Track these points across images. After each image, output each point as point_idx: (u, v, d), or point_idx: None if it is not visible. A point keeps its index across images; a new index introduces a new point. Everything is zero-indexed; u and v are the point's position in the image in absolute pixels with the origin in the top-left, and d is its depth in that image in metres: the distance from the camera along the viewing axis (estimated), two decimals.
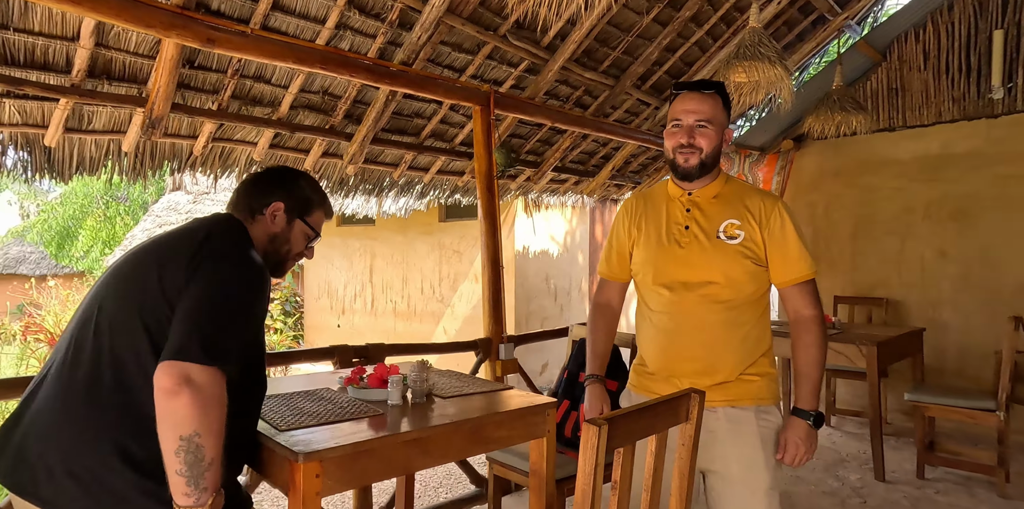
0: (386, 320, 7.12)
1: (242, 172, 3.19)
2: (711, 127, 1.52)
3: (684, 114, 1.52)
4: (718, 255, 1.52)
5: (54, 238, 13.29)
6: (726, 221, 1.54)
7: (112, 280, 1.26)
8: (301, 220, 1.45)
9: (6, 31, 2.16)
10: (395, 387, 1.72)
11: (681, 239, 1.56)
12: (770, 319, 1.64)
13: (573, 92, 3.94)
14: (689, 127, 1.51)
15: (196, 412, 1.07)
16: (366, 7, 2.77)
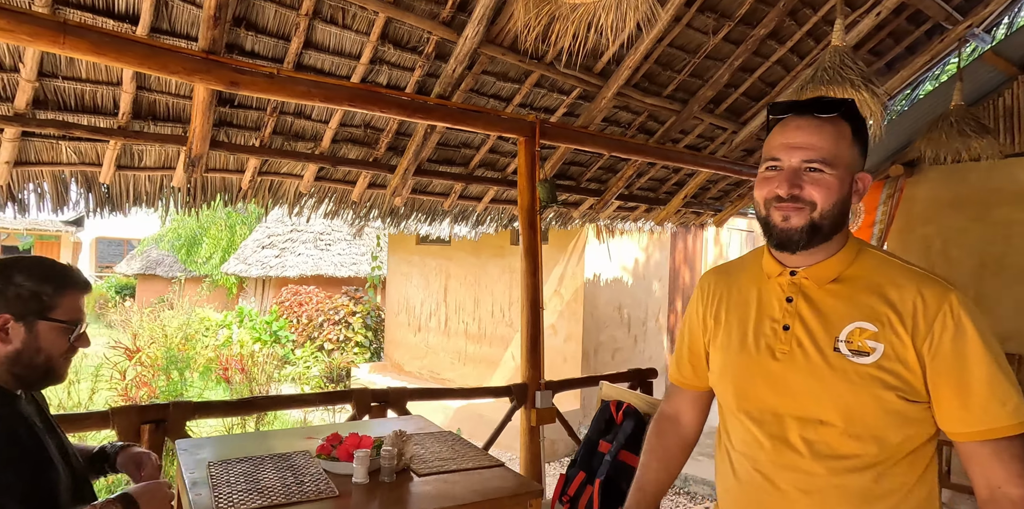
0: (458, 341, 7.09)
1: (292, 204, 3.23)
2: (830, 171, 1.00)
3: (785, 151, 1.02)
4: (835, 380, 0.99)
5: (183, 245, 14.68)
6: (852, 324, 1.01)
7: None
8: (43, 320, 1.18)
9: (56, 79, 2.30)
10: (360, 464, 1.58)
11: (777, 345, 1.05)
12: (937, 486, 1.05)
13: (635, 118, 3.67)
14: (793, 170, 1.01)
15: None
16: (401, 41, 2.70)
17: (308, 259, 11.55)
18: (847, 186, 1.03)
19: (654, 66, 3.36)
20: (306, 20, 2.43)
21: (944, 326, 0.96)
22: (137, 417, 2.08)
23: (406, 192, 3.41)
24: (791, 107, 1.06)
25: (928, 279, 1.01)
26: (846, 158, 1.03)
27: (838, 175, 1.02)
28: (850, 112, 1.04)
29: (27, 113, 2.31)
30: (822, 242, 1.04)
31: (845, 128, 1.04)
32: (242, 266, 11.83)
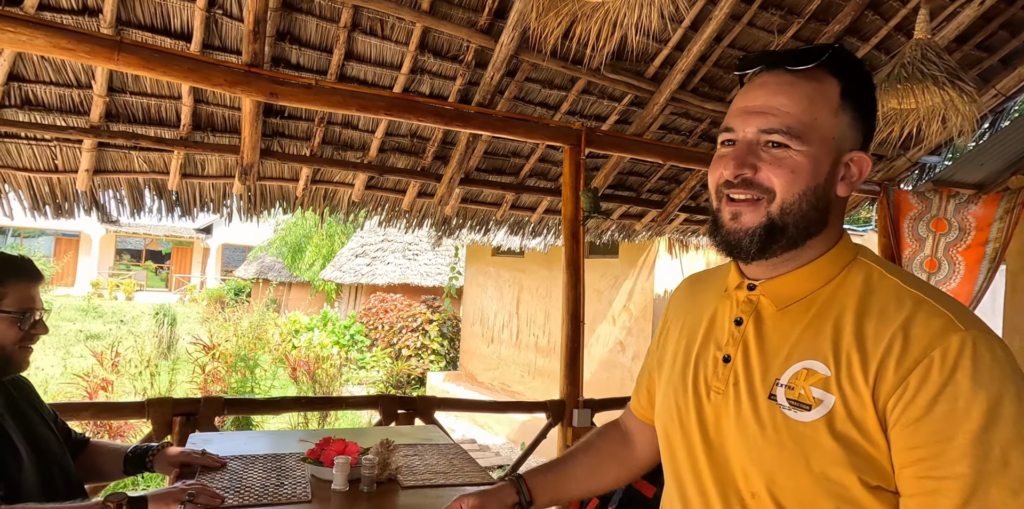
0: (528, 353, 7.02)
1: (347, 212, 3.33)
2: (798, 146, 0.73)
3: (741, 118, 0.76)
4: (762, 441, 0.73)
5: (289, 252, 15.77)
6: (799, 364, 0.72)
7: None
8: None
9: (124, 94, 2.52)
10: (340, 471, 1.55)
11: (713, 382, 0.80)
12: None
13: (697, 125, 3.47)
14: (747, 145, 0.75)
15: None
16: (440, 50, 2.72)
17: (396, 268, 11.99)
18: (827, 169, 0.73)
19: (714, 69, 3.16)
20: (345, 32, 2.51)
21: (925, 379, 0.64)
22: (170, 410, 2.19)
23: (455, 201, 3.42)
24: (760, 58, 0.78)
25: (929, 309, 0.68)
26: (826, 128, 0.73)
27: (810, 152, 0.72)
28: (839, 63, 0.75)
29: (101, 125, 2.54)
30: (788, 249, 0.75)
31: (830, 86, 0.74)
32: (337, 273, 12.49)
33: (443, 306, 8.67)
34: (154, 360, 5.70)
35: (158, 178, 2.84)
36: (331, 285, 13.76)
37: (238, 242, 26.85)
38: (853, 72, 0.77)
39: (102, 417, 1.97)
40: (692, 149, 3.42)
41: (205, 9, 2.30)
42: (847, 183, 0.76)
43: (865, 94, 0.78)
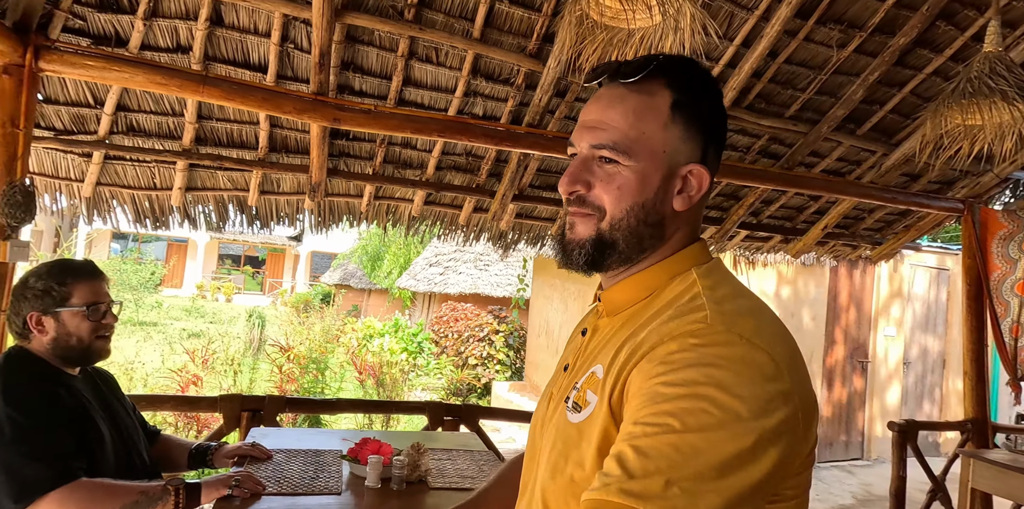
0: None
1: (408, 225, 3.53)
2: (626, 161, 0.73)
3: (577, 133, 0.77)
4: (545, 443, 0.76)
5: (369, 260, 16.50)
6: (591, 368, 0.74)
7: None
8: (62, 309, 1.48)
9: (211, 121, 2.82)
10: (372, 469, 1.69)
11: (554, 389, 0.83)
12: None
13: (754, 141, 3.41)
14: (582, 161, 0.75)
15: None
16: (492, 74, 2.86)
17: (468, 278, 12.28)
18: (656, 183, 0.73)
19: (770, 85, 3.11)
20: (403, 60, 2.70)
21: (640, 371, 0.63)
22: (238, 405, 2.42)
23: (508, 217, 3.53)
24: (601, 70, 0.77)
25: (695, 310, 0.66)
26: (655, 142, 0.72)
27: (638, 168, 0.72)
28: (671, 73, 0.73)
29: (191, 148, 2.86)
30: (622, 263, 0.75)
31: (660, 99, 0.73)
32: (412, 282, 12.94)
33: (510, 317, 8.80)
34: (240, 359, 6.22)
35: (240, 194, 3.14)
36: (406, 293, 14.27)
37: (325, 250, 28.32)
38: (686, 83, 0.75)
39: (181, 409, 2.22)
40: (748, 166, 3.36)
41: (279, 44, 2.55)
42: (685, 197, 0.75)
43: (700, 105, 0.75)
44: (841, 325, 6.00)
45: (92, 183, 2.86)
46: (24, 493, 1.29)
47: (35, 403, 1.38)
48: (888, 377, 6.28)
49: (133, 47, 2.45)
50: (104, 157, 2.80)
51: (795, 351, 0.68)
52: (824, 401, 5.94)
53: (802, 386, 0.65)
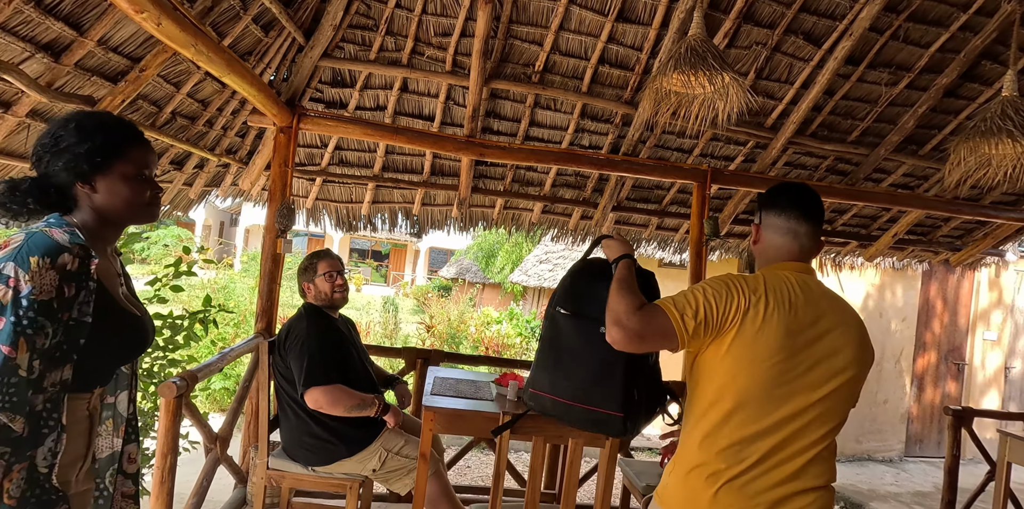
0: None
1: (528, 230, 4.50)
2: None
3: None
4: None
5: (484, 257, 17.85)
6: None
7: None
8: (316, 278, 2.54)
9: (393, 155, 3.95)
10: (511, 390, 2.65)
11: None
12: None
13: (821, 162, 4.02)
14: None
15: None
16: (597, 116, 3.74)
17: None
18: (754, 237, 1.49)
19: (830, 117, 3.73)
20: (529, 109, 3.66)
21: None
22: (416, 355, 3.49)
23: (609, 223, 4.40)
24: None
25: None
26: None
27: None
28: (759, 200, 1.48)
29: (379, 174, 4.01)
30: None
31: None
32: (523, 277, 14.03)
33: None
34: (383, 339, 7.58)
35: (407, 206, 4.26)
36: (518, 287, 15.40)
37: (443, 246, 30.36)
38: (761, 199, 1.48)
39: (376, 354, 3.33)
40: (815, 183, 3.97)
41: (443, 102, 3.61)
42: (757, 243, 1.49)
43: (762, 209, 1.45)
44: (933, 328, 6.22)
45: (312, 198, 4.10)
46: (305, 384, 2.35)
47: (323, 332, 2.48)
48: (987, 382, 6.38)
49: (350, 109, 3.61)
50: (323, 181, 4.02)
51: (756, 279, 1.32)
52: (914, 400, 6.20)
53: (747, 282, 1.31)
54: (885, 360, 6.03)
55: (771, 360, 1.24)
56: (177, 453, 2.23)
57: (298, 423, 2.44)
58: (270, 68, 3.17)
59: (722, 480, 1.24)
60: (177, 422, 2.18)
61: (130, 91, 2.21)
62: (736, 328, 1.25)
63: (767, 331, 1.25)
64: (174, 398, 2.14)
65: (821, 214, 1.48)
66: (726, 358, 1.26)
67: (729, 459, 1.24)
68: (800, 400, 1.26)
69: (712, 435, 1.27)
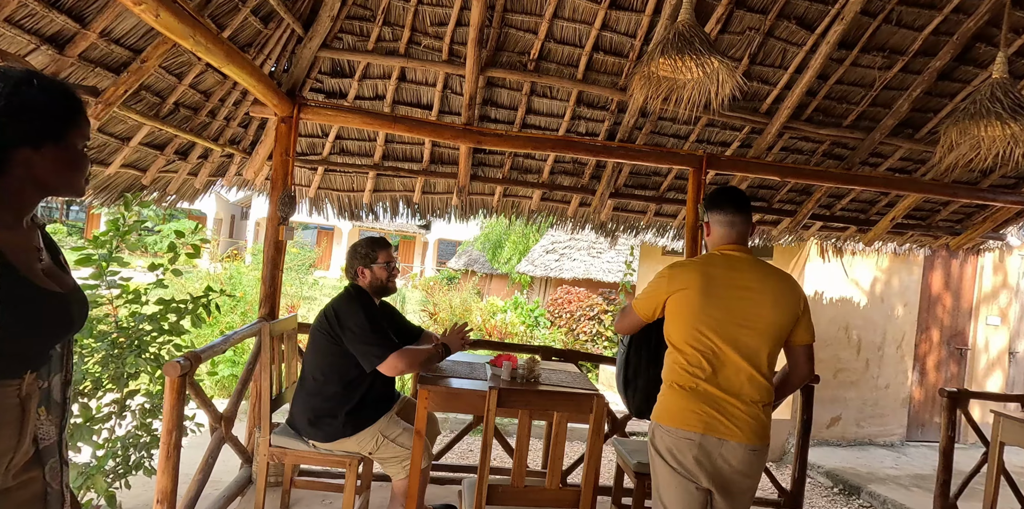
0: None
1: (527, 218, 4.57)
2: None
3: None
4: None
5: (491, 247, 17.92)
6: None
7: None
8: (374, 265, 2.66)
9: (393, 143, 4.02)
10: (505, 370, 2.74)
11: None
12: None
13: (817, 146, 4.04)
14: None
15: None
16: (593, 103, 3.79)
17: (581, 264, 13.20)
18: (705, 233, 2.14)
19: (826, 101, 3.75)
20: (525, 97, 3.71)
21: None
22: None
23: (607, 211, 4.45)
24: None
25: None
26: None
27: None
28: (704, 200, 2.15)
29: (379, 163, 4.08)
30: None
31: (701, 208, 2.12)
32: (530, 267, 14.10)
33: (618, 299, 9.64)
34: None
35: (408, 194, 4.33)
36: (525, 277, 15.48)
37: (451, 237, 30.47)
38: (706, 199, 2.09)
39: None
40: (807, 167, 3.99)
41: (441, 90, 3.66)
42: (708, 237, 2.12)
43: (708, 208, 2.13)
44: (935, 313, 6.23)
45: (315, 187, 4.18)
46: (380, 356, 2.43)
47: (374, 310, 2.58)
48: (990, 365, 6.39)
49: (350, 99, 3.68)
50: (324, 170, 4.10)
51: (684, 265, 2.00)
52: (916, 384, 6.23)
53: (673, 274, 1.98)
54: (887, 345, 6.06)
55: (696, 311, 1.91)
56: (182, 431, 2.33)
57: (308, 397, 2.54)
58: (270, 59, 3.24)
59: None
60: (181, 400, 2.28)
61: (132, 81, 2.29)
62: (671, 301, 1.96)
63: (690, 297, 1.91)
64: (178, 377, 2.24)
65: (749, 205, 2.09)
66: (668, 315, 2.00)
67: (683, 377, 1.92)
68: (726, 334, 1.88)
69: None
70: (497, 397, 1.89)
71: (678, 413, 1.87)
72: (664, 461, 1.87)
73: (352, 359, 2.51)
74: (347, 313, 2.54)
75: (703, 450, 1.83)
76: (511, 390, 1.97)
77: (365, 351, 2.48)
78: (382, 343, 2.48)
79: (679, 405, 1.87)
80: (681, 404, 1.87)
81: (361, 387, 2.57)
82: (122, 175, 3.05)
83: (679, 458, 1.85)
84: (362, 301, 2.60)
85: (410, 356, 2.51)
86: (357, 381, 2.56)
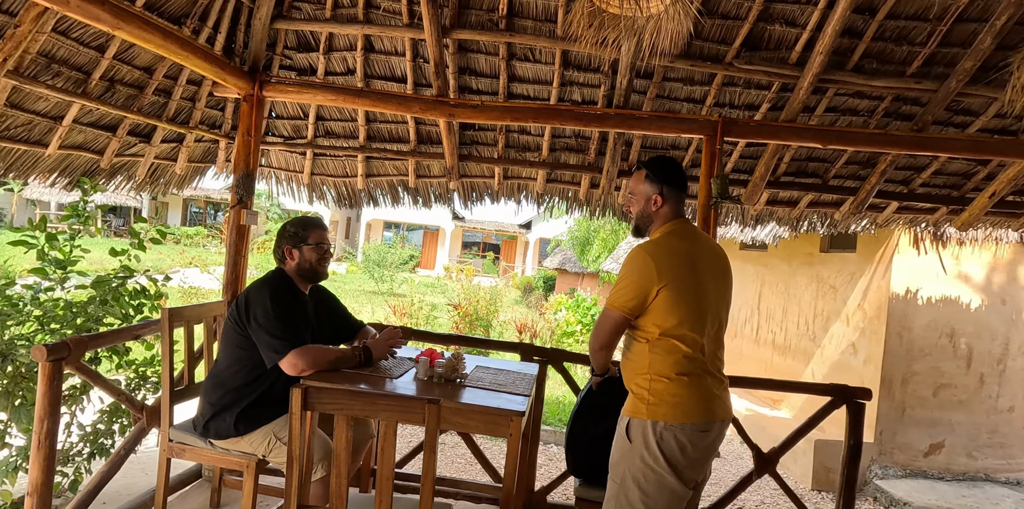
0: (765, 350, 6.78)
1: (537, 201, 4.12)
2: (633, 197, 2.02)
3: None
4: None
5: (579, 246, 17.37)
6: None
7: None
8: (304, 245, 2.36)
9: (376, 123, 3.75)
10: (421, 366, 2.35)
11: None
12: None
13: (877, 104, 3.23)
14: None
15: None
16: (581, 64, 3.28)
17: None
18: (643, 204, 2.02)
19: (879, 44, 2.96)
20: (504, 62, 3.28)
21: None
22: None
23: (622, 191, 3.88)
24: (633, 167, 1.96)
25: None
26: (641, 189, 2.02)
27: (638, 200, 2.05)
28: (645, 166, 2.02)
29: (365, 145, 3.83)
30: (641, 234, 2.06)
31: (639, 173, 2.04)
32: (615, 265, 13.40)
33: None
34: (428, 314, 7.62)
35: (403, 179, 4.05)
36: (613, 276, 14.76)
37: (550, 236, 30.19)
38: (650, 165, 2.02)
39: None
40: (850, 130, 3.17)
41: (411, 60, 3.34)
42: (655, 208, 2.00)
43: (655, 174, 2.00)
44: None
45: (308, 173, 4.02)
46: (279, 351, 2.16)
47: (287, 299, 2.30)
48: None
49: (320, 75, 3.46)
50: (313, 154, 3.93)
51: (666, 251, 1.86)
52: None
53: (657, 260, 1.82)
54: (1010, 357, 4.87)
55: (690, 294, 1.85)
56: (57, 418, 2.19)
57: (212, 390, 2.33)
58: (220, 33, 3.09)
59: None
60: (53, 386, 2.14)
61: (10, 49, 2.18)
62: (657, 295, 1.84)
63: (682, 282, 1.85)
64: (47, 361, 2.09)
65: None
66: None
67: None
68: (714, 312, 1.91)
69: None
70: (303, 397, 1.52)
71: (694, 407, 1.79)
72: (668, 465, 1.78)
73: (258, 352, 2.25)
74: (255, 299, 2.28)
75: (715, 437, 1.84)
76: (327, 390, 1.58)
77: (267, 343, 2.20)
78: (285, 336, 2.20)
79: (692, 397, 1.80)
80: (695, 396, 1.80)
81: (263, 384, 2.30)
82: (77, 157, 3.03)
83: (691, 454, 1.79)
84: (275, 286, 2.33)
85: (314, 355, 2.20)
86: (262, 377, 2.30)
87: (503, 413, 2.05)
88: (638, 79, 3.30)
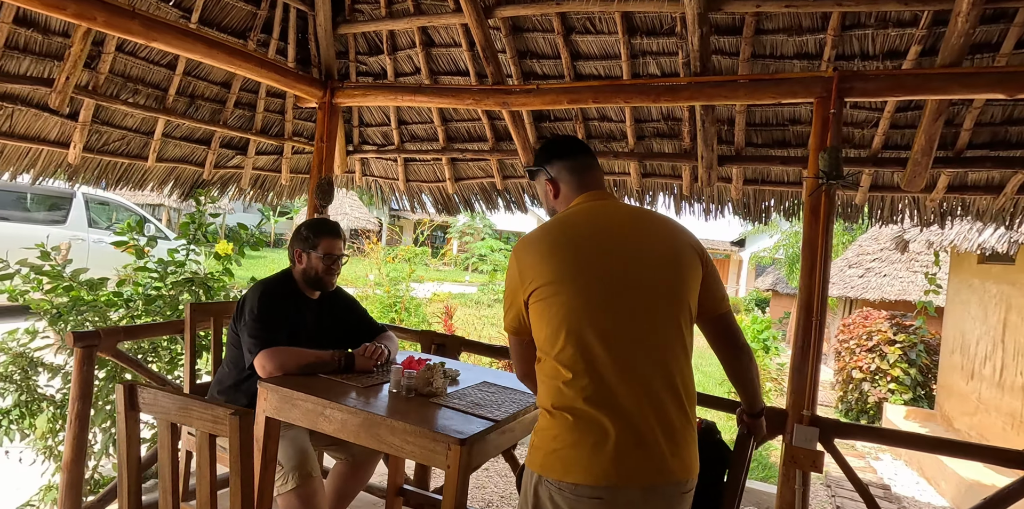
0: (1015, 399, 5.02)
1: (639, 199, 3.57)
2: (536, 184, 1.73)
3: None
4: None
5: (787, 263, 15.27)
6: None
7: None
8: (312, 251, 2.23)
9: (452, 122, 3.60)
10: (393, 374, 2.06)
11: None
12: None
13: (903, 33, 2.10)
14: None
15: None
16: (652, 29, 2.72)
17: (895, 282, 10.12)
18: (544, 190, 1.63)
19: None
20: (561, 38, 2.88)
21: None
22: (431, 339, 3.07)
23: (736, 183, 3.14)
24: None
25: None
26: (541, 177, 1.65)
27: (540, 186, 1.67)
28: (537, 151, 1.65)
29: (447, 146, 3.70)
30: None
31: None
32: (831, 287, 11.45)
33: (914, 325, 6.93)
34: None
35: (492, 180, 3.81)
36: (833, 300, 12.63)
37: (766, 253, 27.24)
38: (537, 151, 1.63)
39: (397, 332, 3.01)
40: (897, 72, 2.09)
41: (468, 49, 3.12)
42: (554, 194, 1.58)
43: (544, 156, 1.60)
44: None
45: (403, 180, 4.02)
46: (252, 351, 2.10)
47: (273, 301, 2.21)
48: None
49: (391, 77, 3.43)
50: (404, 160, 3.91)
51: (529, 244, 1.42)
52: None
53: (520, 257, 1.41)
54: None
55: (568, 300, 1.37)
56: (88, 401, 2.36)
57: (211, 387, 2.35)
58: (288, 44, 3.22)
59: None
60: (84, 370, 2.32)
61: (71, 69, 2.47)
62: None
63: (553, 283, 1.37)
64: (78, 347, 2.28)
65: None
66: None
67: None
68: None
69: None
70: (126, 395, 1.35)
71: (577, 460, 1.24)
72: None
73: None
74: (248, 298, 2.24)
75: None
76: (151, 389, 1.39)
77: (245, 343, 2.14)
78: (260, 336, 2.10)
79: (579, 445, 1.24)
80: (583, 443, 1.24)
81: (253, 384, 2.23)
82: (182, 169, 3.39)
83: None
84: (269, 287, 2.25)
85: (285, 357, 2.07)
86: (251, 377, 2.23)
87: (439, 438, 1.67)
88: (724, 36, 2.63)
